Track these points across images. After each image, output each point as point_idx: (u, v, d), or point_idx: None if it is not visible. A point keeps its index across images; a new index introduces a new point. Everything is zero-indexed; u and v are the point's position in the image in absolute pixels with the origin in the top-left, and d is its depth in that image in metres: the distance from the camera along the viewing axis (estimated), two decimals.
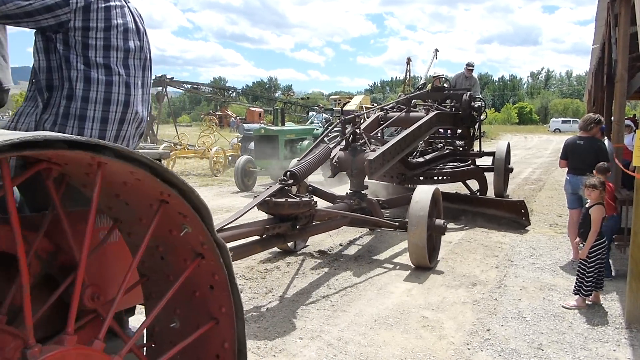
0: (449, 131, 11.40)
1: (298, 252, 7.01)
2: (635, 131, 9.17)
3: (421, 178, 9.52)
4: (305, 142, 13.94)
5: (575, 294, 5.17)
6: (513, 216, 8.44)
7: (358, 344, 4.24)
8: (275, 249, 6.73)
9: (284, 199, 4.92)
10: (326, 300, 5.25)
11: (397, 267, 6.46)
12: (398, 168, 8.79)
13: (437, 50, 60.07)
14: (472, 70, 12.33)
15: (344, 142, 7.09)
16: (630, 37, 7.16)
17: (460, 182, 10.48)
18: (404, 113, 9.41)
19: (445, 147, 11.14)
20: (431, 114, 8.74)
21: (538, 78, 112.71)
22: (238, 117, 49.05)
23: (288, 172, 5.45)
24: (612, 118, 7.76)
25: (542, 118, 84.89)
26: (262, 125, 18.74)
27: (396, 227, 6.72)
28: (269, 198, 4.91)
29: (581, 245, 5.25)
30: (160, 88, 25.69)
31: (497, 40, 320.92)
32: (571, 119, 59.02)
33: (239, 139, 17.66)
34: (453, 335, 4.44)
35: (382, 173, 7.37)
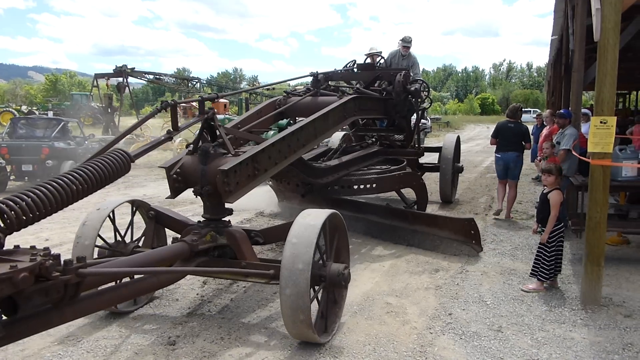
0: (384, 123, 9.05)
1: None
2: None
3: (335, 187, 7.24)
4: (270, 132, 13.70)
5: (532, 276, 5.32)
6: (460, 238, 6.49)
7: None
8: None
9: None
10: None
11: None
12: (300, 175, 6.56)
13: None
14: (409, 47, 9.80)
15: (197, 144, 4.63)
16: (586, 28, 7.35)
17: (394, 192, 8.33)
18: (309, 97, 7.05)
19: (379, 143, 8.90)
20: (345, 98, 6.48)
21: (500, 69, 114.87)
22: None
23: None
24: (570, 107, 7.97)
25: (503, 108, 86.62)
26: (227, 116, 18.52)
27: (271, 278, 4.05)
28: None
29: (539, 230, 5.39)
30: (121, 79, 25.11)
31: (461, 32, 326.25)
32: (531, 109, 60.49)
33: None
34: (416, 320, 4.50)
35: (251, 189, 4.56)
